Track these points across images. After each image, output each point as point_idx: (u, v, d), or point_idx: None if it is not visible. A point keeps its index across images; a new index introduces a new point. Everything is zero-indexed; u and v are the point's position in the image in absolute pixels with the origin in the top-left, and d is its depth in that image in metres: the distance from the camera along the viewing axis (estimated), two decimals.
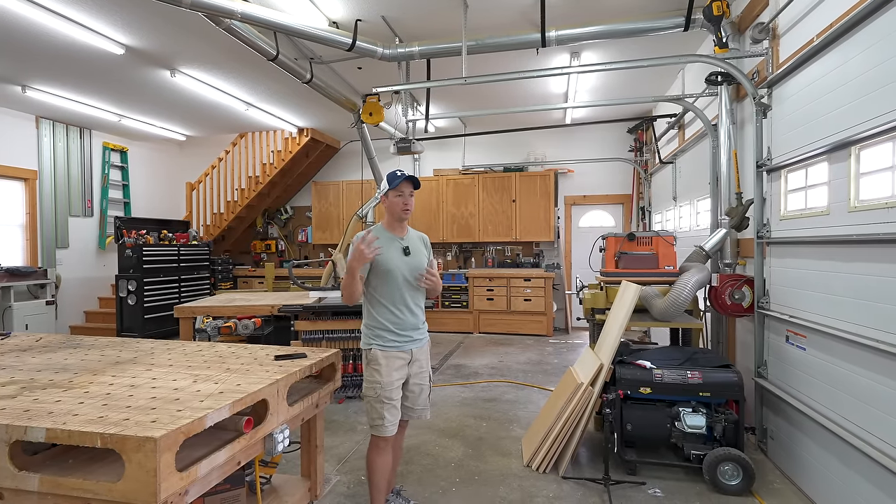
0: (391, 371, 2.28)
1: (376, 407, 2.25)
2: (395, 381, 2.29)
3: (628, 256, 3.47)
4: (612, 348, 2.85)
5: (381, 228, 2.38)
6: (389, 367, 2.28)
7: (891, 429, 1.98)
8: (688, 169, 4.95)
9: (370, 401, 2.28)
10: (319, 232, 8.41)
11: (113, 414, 1.52)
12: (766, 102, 3.03)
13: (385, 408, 2.26)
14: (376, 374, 2.26)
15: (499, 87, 5.76)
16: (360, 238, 2.13)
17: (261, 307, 4.41)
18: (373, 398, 2.26)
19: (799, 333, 2.67)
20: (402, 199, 2.31)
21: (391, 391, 2.28)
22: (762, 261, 3.10)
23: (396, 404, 2.30)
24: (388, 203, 2.33)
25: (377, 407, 2.25)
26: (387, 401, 2.26)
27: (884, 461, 1.98)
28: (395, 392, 2.30)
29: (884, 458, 1.98)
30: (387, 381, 2.26)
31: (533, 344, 6.68)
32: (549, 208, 7.43)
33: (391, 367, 2.28)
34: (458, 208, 7.78)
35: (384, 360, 2.27)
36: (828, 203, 2.42)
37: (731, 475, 2.61)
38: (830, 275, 2.38)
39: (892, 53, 1.98)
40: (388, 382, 2.26)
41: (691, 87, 4.90)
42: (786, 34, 2.96)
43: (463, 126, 7.47)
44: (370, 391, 2.28)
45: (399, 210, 2.31)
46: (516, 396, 4.39)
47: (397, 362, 2.30)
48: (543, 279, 7.13)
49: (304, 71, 4.69)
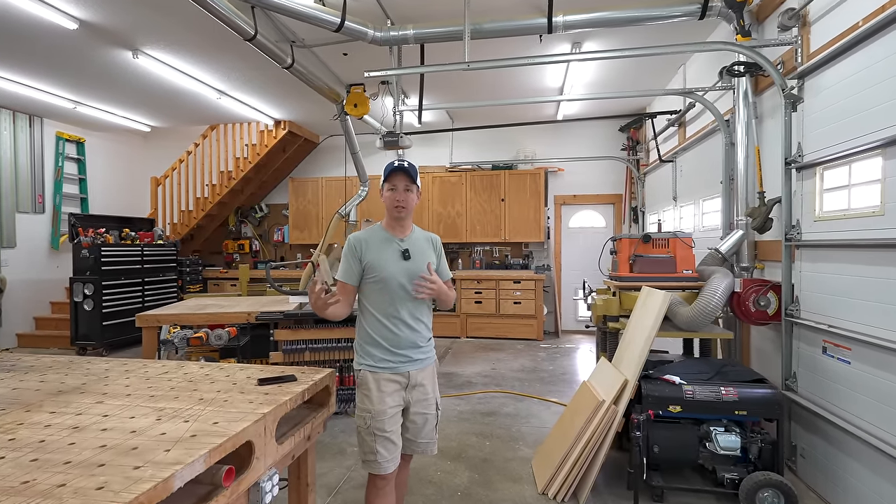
0: (383, 397, 1.93)
1: (367, 440, 1.91)
2: (388, 409, 1.93)
3: (644, 260, 3.21)
4: (637, 362, 2.57)
5: (380, 228, 2.04)
6: (381, 393, 1.93)
7: None
8: (691, 167, 4.75)
9: (361, 431, 1.93)
10: (297, 231, 7.94)
11: (43, 476, 1.13)
12: (798, 94, 2.81)
13: (378, 441, 1.90)
14: (366, 401, 1.92)
15: (491, 79, 5.46)
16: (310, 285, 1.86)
17: (236, 314, 3.98)
18: (363, 429, 1.92)
19: (841, 345, 2.44)
20: (393, 194, 1.96)
21: (384, 421, 1.92)
22: (790, 265, 2.88)
23: (393, 436, 1.94)
24: (383, 199, 2.01)
25: (368, 440, 1.90)
26: (379, 432, 1.90)
27: None
28: (391, 422, 1.94)
29: None
30: (378, 409, 1.90)
31: (524, 349, 6.41)
32: (538, 208, 7.18)
33: (383, 393, 1.93)
34: (445, 207, 7.45)
35: (374, 384, 1.93)
36: (882, 202, 2.20)
37: (771, 502, 2.37)
38: (888, 282, 2.15)
39: None
40: (379, 411, 1.91)
41: (693, 82, 4.71)
42: (818, 21, 2.75)
43: (450, 121, 7.14)
44: (360, 420, 1.93)
45: (392, 206, 1.97)
46: (516, 409, 4.09)
47: (391, 386, 1.95)
48: (534, 281, 6.87)
49: (285, 55, 4.26)
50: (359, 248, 1.96)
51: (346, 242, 2.00)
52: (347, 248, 1.98)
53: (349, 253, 1.97)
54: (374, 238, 2.00)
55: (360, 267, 1.96)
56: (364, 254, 1.95)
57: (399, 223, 2.02)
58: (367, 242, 1.97)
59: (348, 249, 1.97)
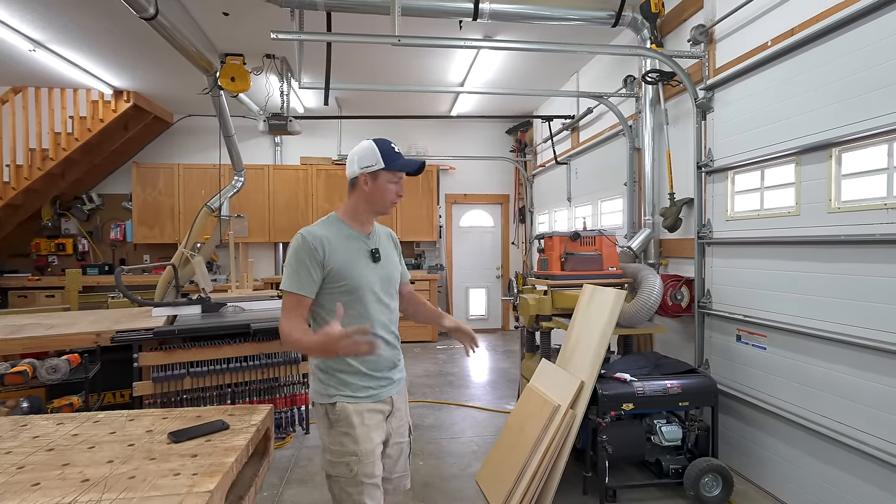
0: (369, 433, 1.54)
1: (351, 493, 1.51)
2: (376, 447, 1.57)
3: (575, 258, 3.21)
4: (593, 363, 2.51)
5: (338, 220, 1.62)
6: (367, 429, 1.54)
7: (868, 420, 2.01)
8: (588, 170, 5.02)
9: (341, 484, 1.52)
10: (145, 228, 6.52)
11: None
12: (708, 104, 3.06)
13: (366, 491, 1.51)
14: (348, 442, 1.52)
15: (392, 65, 5.11)
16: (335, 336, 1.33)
17: (77, 336, 2.98)
18: (345, 479, 1.51)
19: (757, 333, 2.69)
20: (397, 187, 1.61)
21: (373, 464, 1.54)
22: (702, 261, 3.13)
23: (379, 481, 1.56)
24: (373, 187, 1.58)
25: (352, 493, 1.51)
26: (367, 479, 1.52)
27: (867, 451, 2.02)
28: (378, 464, 1.57)
29: (865, 448, 2.01)
30: (365, 448, 1.52)
31: (421, 352, 6.17)
32: (431, 206, 7.01)
33: (368, 428, 1.55)
34: (332, 203, 6.82)
35: (358, 419, 1.53)
36: (797, 203, 2.45)
37: (712, 486, 2.49)
38: (803, 275, 2.40)
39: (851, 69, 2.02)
40: (367, 451, 1.52)
41: (586, 88, 4.98)
42: (723, 40, 3.02)
43: (339, 109, 6.56)
44: (341, 468, 1.52)
45: (390, 201, 1.61)
46: (438, 419, 3.82)
47: (376, 418, 1.58)
48: (428, 281, 6.68)
49: (147, 1, 3.34)
50: (321, 250, 1.51)
51: (298, 241, 1.52)
52: (304, 249, 1.50)
53: (308, 256, 1.50)
54: (336, 236, 1.57)
55: (322, 274, 1.52)
56: (329, 257, 1.52)
57: (370, 218, 1.65)
58: (330, 242, 1.54)
59: (306, 252, 1.50)
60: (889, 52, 2.00)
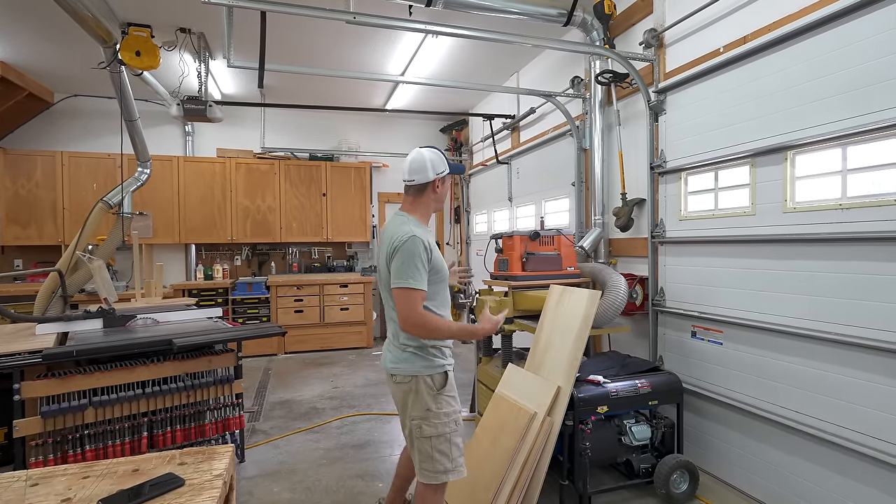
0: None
1: (457, 443, 1.84)
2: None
3: (536, 258, 3.12)
4: (569, 367, 2.41)
5: (416, 220, 1.88)
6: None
7: (824, 408, 2.13)
8: (531, 169, 5.01)
9: (450, 437, 1.81)
10: (15, 227, 5.43)
11: None
12: (661, 107, 3.13)
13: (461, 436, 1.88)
14: (453, 402, 1.87)
15: (327, 51, 4.72)
16: (496, 320, 1.94)
17: None
18: (451, 433, 1.82)
19: (713, 329, 2.78)
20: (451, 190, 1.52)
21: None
22: (656, 260, 3.20)
23: None
24: (443, 190, 1.95)
25: (458, 442, 1.84)
26: (461, 428, 1.89)
27: (822, 437, 2.14)
28: None
29: (822, 434, 2.14)
30: (459, 406, 1.91)
31: (357, 359, 5.81)
32: (364, 205, 6.66)
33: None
34: (253, 200, 6.21)
35: (453, 383, 1.91)
36: (752, 204, 2.55)
37: (681, 482, 2.52)
38: (760, 272, 2.51)
39: (806, 76, 2.15)
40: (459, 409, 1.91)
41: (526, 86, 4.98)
42: (672, 45, 3.11)
43: (261, 97, 5.97)
44: (450, 426, 1.82)
45: (442, 202, 2.02)
46: (388, 433, 3.55)
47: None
48: (362, 284, 6.33)
49: None
50: (429, 249, 1.79)
51: (412, 243, 1.73)
52: (421, 250, 1.75)
53: (424, 255, 1.75)
54: (427, 235, 1.85)
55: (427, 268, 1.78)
56: (433, 253, 1.81)
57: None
58: (430, 241, 1.82)
59: (422, 251, 1.75)
60: (841, 61, 2.13)
